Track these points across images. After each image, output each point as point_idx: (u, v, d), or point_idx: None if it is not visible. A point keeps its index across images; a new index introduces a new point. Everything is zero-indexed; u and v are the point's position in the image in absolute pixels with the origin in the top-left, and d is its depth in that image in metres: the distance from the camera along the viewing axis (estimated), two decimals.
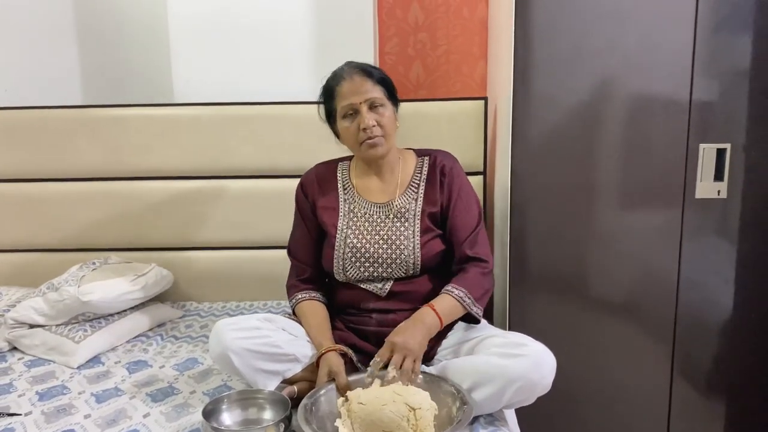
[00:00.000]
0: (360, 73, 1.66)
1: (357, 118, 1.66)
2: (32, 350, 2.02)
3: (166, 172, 2.43)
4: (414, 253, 1.68)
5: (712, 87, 1.97)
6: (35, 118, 2.42)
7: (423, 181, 1.75)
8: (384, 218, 1.73)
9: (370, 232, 1.72)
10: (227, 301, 2.47)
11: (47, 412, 1.65)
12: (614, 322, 2.13)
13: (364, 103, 1.64)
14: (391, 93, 1.71)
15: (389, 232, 1.71)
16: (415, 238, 1.69)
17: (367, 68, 1.68)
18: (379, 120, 1.65)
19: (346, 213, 1.76)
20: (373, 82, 1.66)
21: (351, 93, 1.65)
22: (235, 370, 1.58)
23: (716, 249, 2.06)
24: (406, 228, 1.71)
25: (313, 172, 1.86)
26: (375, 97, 1.65)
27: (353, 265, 1.71)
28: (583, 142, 2.04)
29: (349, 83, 1.65)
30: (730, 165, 1.99)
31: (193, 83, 2.52)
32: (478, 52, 2.64)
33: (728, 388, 2.13)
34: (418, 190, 1.74)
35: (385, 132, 1.67)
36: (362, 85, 1.65)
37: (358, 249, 1.71)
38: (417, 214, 1.72)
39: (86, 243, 2.45)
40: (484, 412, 1.53)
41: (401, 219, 1.72)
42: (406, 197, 1.74)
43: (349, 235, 1.73)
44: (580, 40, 1.97)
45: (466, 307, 1.62)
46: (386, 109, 1.67)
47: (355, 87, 1.65)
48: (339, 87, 1.67)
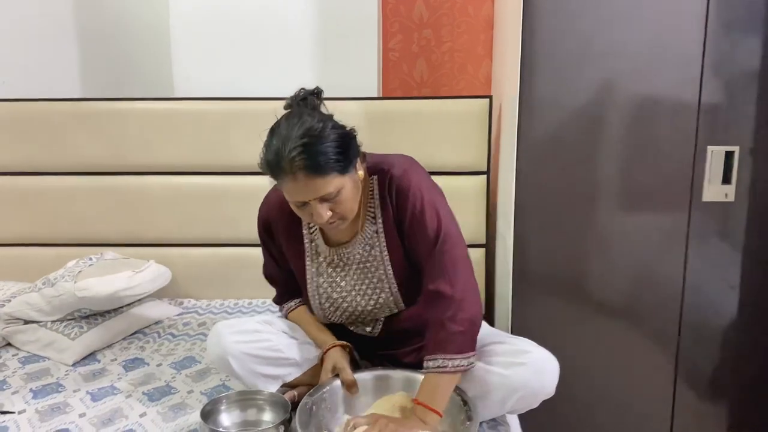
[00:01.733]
0: (305, 171, 1.30)
1: (308, 207, 1.38)
2: (27, 346, 1.99)
3: (166, 167, 2.39)
4: (393, 294, 1.56)
5: (721, 89, 1.94)
6: (33, 111, 2.38)
7: (377, 206, 1.52)
8: (353, 261, 1.56)
9: (344, 278, 1.58)
10: (225, 298, 2.44)
11: (41, 411, 1.62)
12: (618, 325, 2.10)
13: (315, 200, 1.36)
14: (347, 160, 1.37)
15: (362, 278, 1.56)
16: (389, 278, 1.55)
17: (315, 160, 1.31)
18: (334, 207, 1.38)
19: (313, 257, 1.60)
20: (323, 176, 1.32)
21: (296, 193, 1.35)
22: (234, 374, 1.55)
23: (721, 253, 2.04)
24: (376, 269, 1.55)
25: (275, 203, 1.59)
26: (327, 192, 1.35)
27: (333, 314, 1.61)
28: (589, 143, 2.01)
29: (292, 183, 1.33)
30: (738, 168, 1.97)
31: (194, 79, 2.48)
32: (482, 51, 2.61)
33: (732, 393, 2.11)
34: (376, 220, 1.53)
35: (343, 214, 1.42)
36: (310, 185, 1.33)
37: (335, 300, 1.59)
38: (383, 250, 1.54)
39: (83, 238, 2.41)
40: (488, 417, 1.51)
41: (369, 259, 1.55)
42: (367, 234, 1.54)
43: (322, 284, 1.60)
44: (588, 40, 1.94)
45: (454, 370, 1.39)
46: (344, 191, 1.37)
47: (300, 188, 1.34)
48: (281, 181, 1.35)
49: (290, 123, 1.35)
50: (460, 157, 2.32)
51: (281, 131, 1.35)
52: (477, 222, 2.34)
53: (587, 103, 1.99)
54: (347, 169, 1.38)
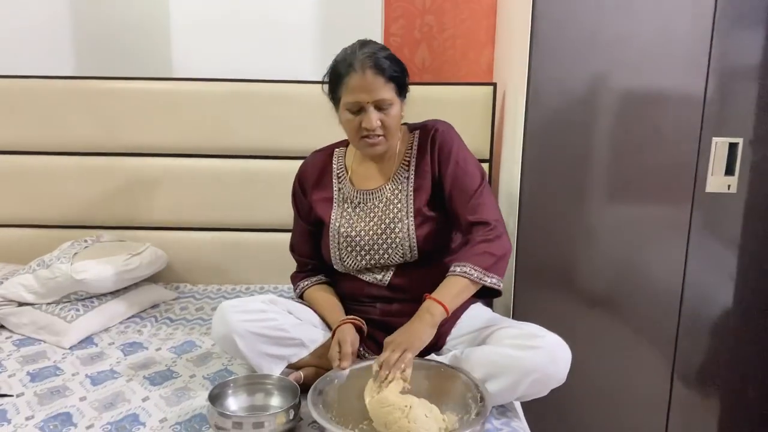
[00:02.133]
0: (373, 69, 1.52)
1: (361, 115, 1.56)
2: (21, 329, 1.94)
3: (163, 149, 2.35)
4: (409, 236, 1.62)
5: (726, 80, 1.94)
6: (25, 88, 2.32)
7: (413, 156, 1.67)
8: (376, 204, 1.67)
9: (363, 219, 1.67)
10: (222, 284, 2.40)
11: (40, 394, 1.58)
12: (617, 318, 2.10)
13: (371, 104, 1.54)
14: (402, 86, 1.60)
15: (381, 217, 1.65)
16: (408, 220, 1.63)
17: (381, 62, 1.53)
18: (383, 120, 1.56)
19: (339, 203, 1.71)
20: (384, 80, 1.53)
21: (359, 90, 1.53)
22: (239, 353, 1.53)
23: (723, 245, 2.05)
24: (399, 210, 1.64)
25: (309, 162, 1.79)
26: (384, 98, 1.54)
27: (349, 255, 1.67)
28: (593, 133, 2.00)
29: (359, 79, 1.52)
30: (741, 160, 1.98)
31: (193, 61, 2.42)
32: (485, 38, 2.59)
33: (728, 385, 2.13)
34: (410, 168, 1.67)
35: (388, 132, 1.58)
36: (373, 83, 1.53)
37: (353, 238, 1.66)
38: (409, 195, 1.65)
39: (77, 220, 2.36)
40: (497, 403, 1.49)
41: (393, 203, 1.66)
42: (398, 178, 1.67)
43: (343, 224, 1.68)
44: (595, 29, 1.93)
45: (476, 281, 1.49)
46: (393, 108, 1.57)
47: (365, 84, 1.53)
48: (348, 78, 1.54)
49: (360, 42, 1.60)
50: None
51: (353, 46, 1.59)
52: None
53: (592, 92, 1.98)
54: (402, 90, 1.60)
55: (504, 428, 1.45)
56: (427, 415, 1.32)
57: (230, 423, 1.34)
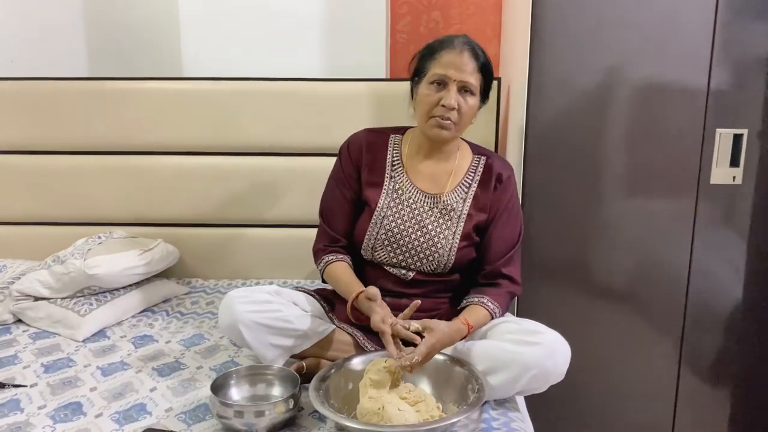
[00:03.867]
0: (470, 51, 1.57)
1: (442, 92, 1.57)
2: (37, 323, 2.00)
3: (175, 147, 2.40)
4: (449, 254, 1.64)
5: (730, 72, 1.94)
6: (42, 90, 2.38)
7: (476, 182, 1.69)
8: (429, 210, 1.67)
9: (411, 220, 1.66)
10: (233, 278, 2.44)
11: (53, 384, 1.63)
12: (623, 310, 2.10)
13: (457, 83, 1.56)
14: (486, 86, 1.64)
15: (431, 226, 1.65)
16: (454, 239, 1.64)
17: (478, 51, 1.59)
18: (461, 105, 1.58)
19: (389, 192, 1.69)
20: (476, 66, 1.58)
21: (451, 65, 1.56)
22: (244, 343, 1.57)
23: (728, 236, 2.04)
24: (448, 227, 1.65)
25: (363, 136, 1.75)
26: (470, 82, 1.57)
27: (384, 248, 1.67)
28: (597, 125, 2.01)
29: (454, 55, 1.56)
30: (746, 151, 1.97)
31: (203, 60, 2.48)
32: (491, 33, 2.60)
33: (736, 378, 2.12)
34: (469, 191, 1.68)
35: (460, 120, 1.60)
36: (466, 63, 1.56)
37: (394, 234, 1.65)
38: (462, 216, 1.66)
39: (92, 217, 2.42)
40: (496, 397, 1.51)
41: (446, 216, 1.66)
42: (456, 194, 1.68)
43: (388, 216, 1.67)
44: (598, 22, 1.93)
45: (493, 317, 1.61)
46: (473, 99, 1.59)
47: (458, 61, 1.56)
48: (443, 52, 1.58)
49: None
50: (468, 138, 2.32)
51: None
52: None
53: (596, 85, 1.98)
54: (486, 88, 1.64)
55: (501, 418, 1.46)
56: (401, 408, 1.34)
57: (232, 412, 1.38)
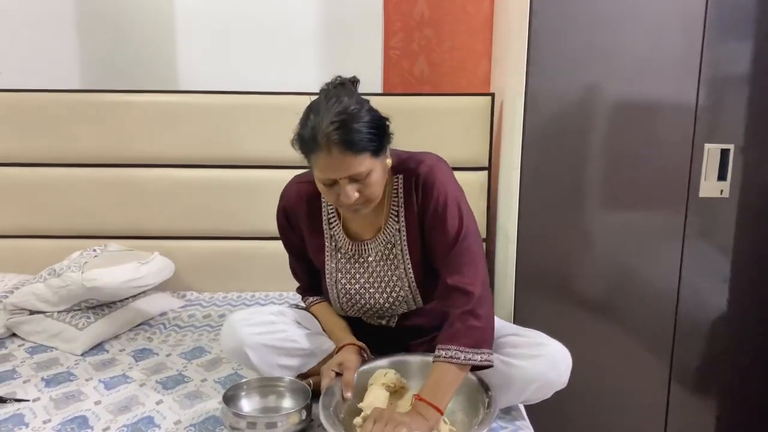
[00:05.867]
0: (339, 147, 1.31)
1: (336, 187, 1.39)
2: (32, 336, 1.98)
3: (169, 160, 2.40)
4: (412, 293, 1.58)
5: (717, 89, 2.01)
6: (35, 102, 2.37)
7: (401, 205, 1.53)
8: (372, 257, 1.58)
9: (363, 274, 1.59)
10: (228, 291, 2.44)
11: (56, 398, 1.62)
12: (613, 323, 2.14)
13: (345, 179, 1.36)
14: (381, 143, 1.39)
15: (380, 274, 1.58)
16: (408, 277, 1.56)
17: (350, 137, 1.31)
18: (362, 189, 1.39)
19: (332, 251, 1.61)
20: (355, 154, 1.33)
21: (328, 169, 1.35)
22: (251, 366, 1.56)
23: (716, 248, 2.10)
24: (396, 267, 1.56)
25: (295, 195, 1.62)
26: (359, 172, 1.35)
27: (351, 307, 1.63)
28: (589, 141, 2.06)
29: (325, 158, 1.33)
30: (733, 165, 2.04)
31: (198, 74, 2.49)
32: (482, 49, 2.66)
33: (725, 389, 2.17)
34: (399, 218, 1.54)
35: (370, 197, 1.42)
36: (342, 161, 1.33)
37: (353, 295, 1.60)
38: (404, 248, 1.55)
39: (85, 230, 2.41)
40: (501, 406, 1.53)
41: (389, 256, 1.56)
42: (389, 231, 1.55)
43: (340, 279, 1.61)
44: (589, 39, 1.98)
45: (465, 363, 1.38)
46: (373, 173, 1.38)
47: (333, 163, 1.34)
48: (314, 155, 1.35)
49: (329, 101, 1.35)
50: (461, 153, 2.37)
51: (319, 108, 1.35)
52: (478, 217, 2.34)
53: (587, 101, 2.03)
54: (380, 151, 1.39)
55: (509, 426, 1.49)
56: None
57: (244, 423, 1.37)
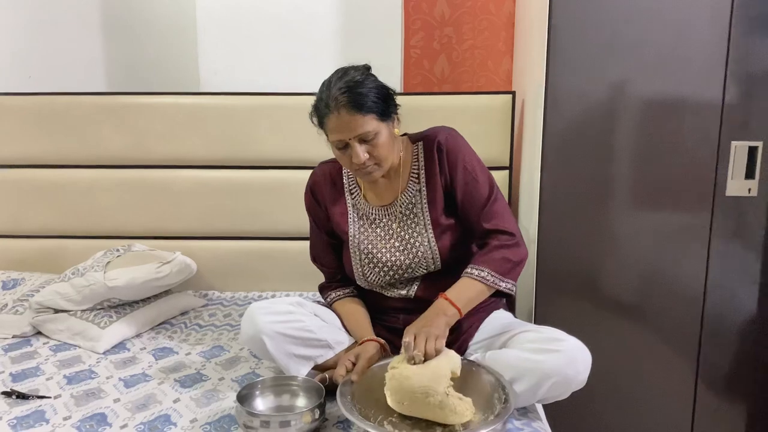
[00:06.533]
0: (347, 107, 1.48)
1: (348, 150, 1.54)
2: (57, 335, 2.01)
3: (192, 161, 2.43)
4: (431, 250, 1.63)
5: (745, 84, 1.96)
6: (61, 105, 2.41)
7: (422, 168, 1.65)
8: (393, 220, 1.67)
9: (383, 237, 1.67)
10: (249, 291, 2.46)
11: (77, 396, 1.64)
12: (639, 323, 2.11)
13: (354, 139, 1.51)
14: (386, 108, 1.54)
15: (403, 233, 1.65)
16: (428, 234, 1.64)
17: (355, 97, 1.48)
18: (371, 150, 1.53)
19: (355, 219, 1.71)
20: (362, 114, 1.49)
21: (339, 129, 1.51)
22: (267, 354, 1.58)
23: (745, 248, 2.05)
24: (416, 224, 1.65)
25: (320, 173, 1.78)
26: (366, 131, 1.50)
27: (372, 271, 1.68)
28: (612, 139, 2.03)
29: (336, 119, 1.50)
30: (761, 163, 1.98)
31: (220, 75, 2.52)
32: (503, 48, 2.64)
33: (754, 391, 2.12)
34: (419, 181, 1.65)
35: (379, 159, 1.55)
36: (350, 121, 1.49)
37: (374, 255, 1.67)
38: (424, 207, 1.65)
39: (109, 230, 2.45)
40: (518, 405, 1.51)
41: (410, 216, 1.66)
42: (410, 192, 1.66)
43: (362, 241, 1.68)
44: (612, 35, 1.96)
45: (491, 285, 1.54)
46: (380, 135, 1.53)
47: (342, 124, 1.50)
48: (326, 119, 1.52)
49: (338, 74, 1.55)
50: (483, 152, 2.28)
51: (330, 79, 1.54)
52: None
53: (611, 99, 2.00)
54: (385, 115, 1.54)
55: (525, 428, 1.47)
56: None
57: (258, 422, 1.38)
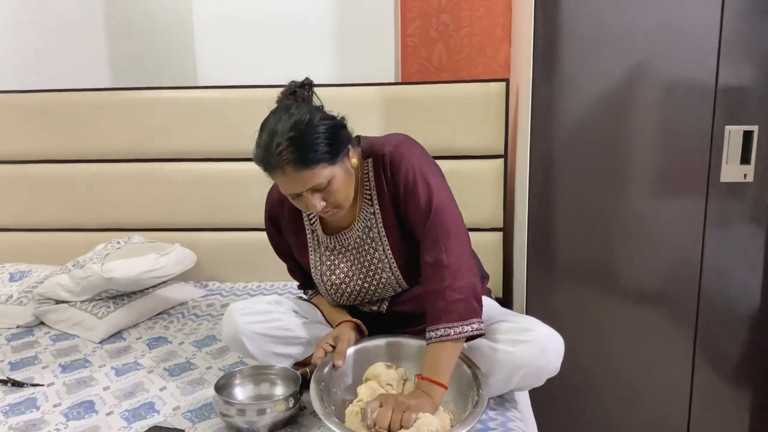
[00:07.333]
0: (292, 164, 1.33)
1: (302, 198, 1.41)
2: (58, 325, 2.08)
3: (191, 154, 2.47)
4: (394, 275, 1.57)
5: (739, 69, 1.91)
6: (63, 101, 2.47)
7: (373, 188, 1.53)
8: (352, 245, 1.59)
9: (345, 263, 1.61)
10: (249, 281, 2.50)
11: (69, 384, 1.70)
12: (635, 309, 2.09)
13: (307, 191, 1.39)
14: (337, 148, 1.39)
15: (361, 261, 1.58)
16: (388, 260, 1.56)
17: (302, 153, 1.33)
18: (327, 197, 1.41)
19: (315, 247, 1.64)
20: (311, 168, 1.34)
21: (287, 185, 1.39)
22: (248, 353, 1.60)
23: (741, 234, 2.01)
24: (375, 250, 1.57)
25: (277, 200, 1.65)
26: (317, 183, 1.37)
27: (340, 297, 1.65)
28: (605, 126, 2.00)
29: (282, 177, 1.36)
30: (757, 148, 1.93)
31: (217, 69, 2.55)
32: (501, 34, 2.61)
33: (752, 377, 2.08)
34: (372, 202, 1.54)
35: (337, 203, 1.44)
36: (299, 178, 1.35)
37: (339, 285, 1.62)
38: (381, 231, 1.55)
39: (112, 223, 2.51)
40: (493, 394, 1.52)
41: (368, 242, 1.57)
42: (364, 215, 1.56)
43: (325, 272, 1.63)
44: (603, 21, 1.93)
45: (457, 337, 1.38)
46: (335, 180, 1.39)
47: (290, 181, 1.36)
48: (273, 175, 1.39)
49: (277, 117, 1.37)
50: (477, 141, 2.33)
51: (269, 126, 1.37)
52: (495, 206, 2.35)
53: (602, 85, 1.97)
54: (336, 158, 1.39)
55: (499, 418, 1.47)
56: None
57: (234, 410, 1.41)
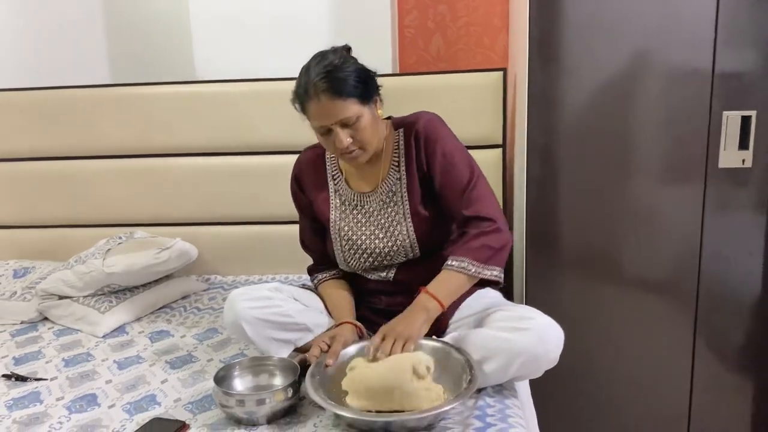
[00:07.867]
0: (327, 93, 1.48)
1: (331, 135, 1.53)
2: (61, 320, 2.10)
3: (191, 148, 2.48)
4: (409, 238, 1.64)
5: (736, 54, 1.90)
6: (64, 98, 2.48)
7: (402, 155, 1.65)
8: (373, 207, 1.69)
9: (364, 223, 1.69)
10: (250, 274, 2.52)
11: (71, 377, 1.72)
12: (635, 296, 2.10)
13: (336, 124, 1.51)
14: (367, 91, 1.54)
15: (381, 221, 1.67)
16: (406, 222, 1.65)
17: (335, 84, 1.48)
18: (354, 135, 1.53)
19: (337, 205, 1.73)
20: (343, 99, 1.48)
21: (320, 115, 1.51)
22: (247, 339, 1.62)
23: (741, 220, 2.01)
24: (396, 213, 1.66)
25: (304, 160, 1.80)
26: (347, 116, 1.50)
27: (353, 257, 1.71)
28: (602, 113, 2.00)
29: (316, 106, 1.50)
30: (755, 133, 1.93)
31: (214, 64, 2.55)
32: (499, 24, 2.60)
33: (752, 363, 2.09)
34: (399, 168, 1.66)
35: (363, 143, 1.55)
36: (331, 107, 1.49)
37: (354, 242, 1.69)
38: (404, 196, 1.65)
39: (114, 218, 2.53)
40: (492, 383, 1.52)
41: (390, 204, 1.67)
42: (390, 180, 1.67)
43: (343, 228, 1.70)
44: (599, 8, 1.93)
45: (473, 275, 1.52)
46: (363, 119, 1.52)
47: (323, 110, 1.50)
48: (307, 105, 1.53)
49: (317, 59, 1.54)
50: (475, 131, 2.33)
51: (309, 65, 1.54)
52: None
53: (599, 73, 1.98)
54: (366, 98, 1.53)
55: (497, 405, 1.48)
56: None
57: (233, 401, 1.43)
